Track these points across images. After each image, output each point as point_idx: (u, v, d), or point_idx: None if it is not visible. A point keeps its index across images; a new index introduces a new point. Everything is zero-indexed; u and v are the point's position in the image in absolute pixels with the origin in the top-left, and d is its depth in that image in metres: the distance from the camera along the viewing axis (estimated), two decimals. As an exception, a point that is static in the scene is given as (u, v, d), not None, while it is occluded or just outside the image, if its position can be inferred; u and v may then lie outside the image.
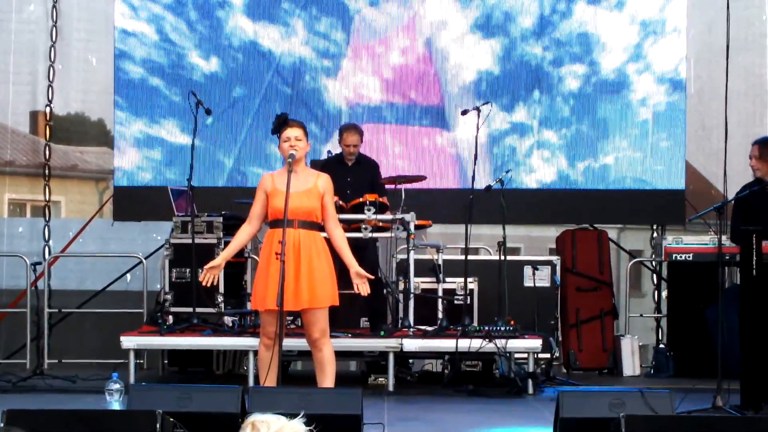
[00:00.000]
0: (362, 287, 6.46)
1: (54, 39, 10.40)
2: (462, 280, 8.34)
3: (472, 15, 9.96)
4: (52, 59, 10.39)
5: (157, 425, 4.89)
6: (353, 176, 8.47)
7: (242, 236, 6.62)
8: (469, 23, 9.96)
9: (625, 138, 9.88)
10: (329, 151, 9.06)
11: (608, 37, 9.93)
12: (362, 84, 9.90)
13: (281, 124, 6.50)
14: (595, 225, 9.99)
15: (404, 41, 9.93)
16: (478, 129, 8.26)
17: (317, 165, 8.26)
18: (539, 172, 9.88)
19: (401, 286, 8.34)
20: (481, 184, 8.52)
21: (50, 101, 10.41)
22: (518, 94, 9.92)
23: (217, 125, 9.80)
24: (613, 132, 9.89)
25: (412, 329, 8.08)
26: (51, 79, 10.39)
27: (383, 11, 9.95)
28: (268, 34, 9.91)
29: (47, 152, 10.48)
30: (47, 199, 10.42)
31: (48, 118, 10.47)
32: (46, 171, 10.45)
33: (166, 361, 8.93)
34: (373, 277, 6.70)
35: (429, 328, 8.15)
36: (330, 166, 8.25)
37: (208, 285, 6.54)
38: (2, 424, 4.76)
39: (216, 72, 9.88)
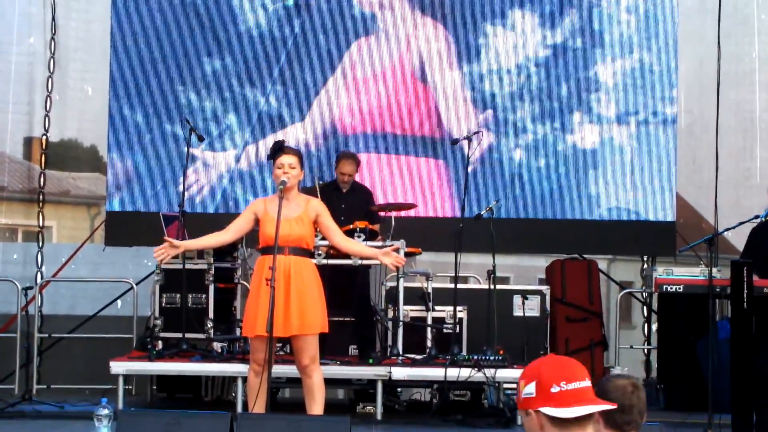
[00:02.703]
0: (399, 259, 6.59)
1: (52, 70, 10.49)
2: (451, 308, 8.32)
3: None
4: (50, 89, 10.48)
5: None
6: (347, 203, 8.48)
7: (211, 239, 6.72)
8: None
9: (616, 169, 9.91)
10: (319, 177, 9.06)
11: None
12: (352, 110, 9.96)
13: (277, 150, 6.51)
14: (585, 255, 10.01)
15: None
16: (468, 159, 8.33)
17: (311, 192, 8.27)
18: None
19: (390, 313, 8.33)
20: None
21: (47, 131, 10.48)
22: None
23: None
24: (603, 163, 9.92)
25: (400, 357, 8.05)
26: (48, 109, 10.47)
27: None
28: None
29: (42, 180, 10.52)
30: (41, 225, 10.44)
31: (44, 147, 10.52)
32: (40, 197, 10.49)
33: (154, 387, 8.89)
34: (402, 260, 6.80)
35: (418, 357, 8.11)
36: (324, 192, 8.28)
37: (157, 258, 6.50)
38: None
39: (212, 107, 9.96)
